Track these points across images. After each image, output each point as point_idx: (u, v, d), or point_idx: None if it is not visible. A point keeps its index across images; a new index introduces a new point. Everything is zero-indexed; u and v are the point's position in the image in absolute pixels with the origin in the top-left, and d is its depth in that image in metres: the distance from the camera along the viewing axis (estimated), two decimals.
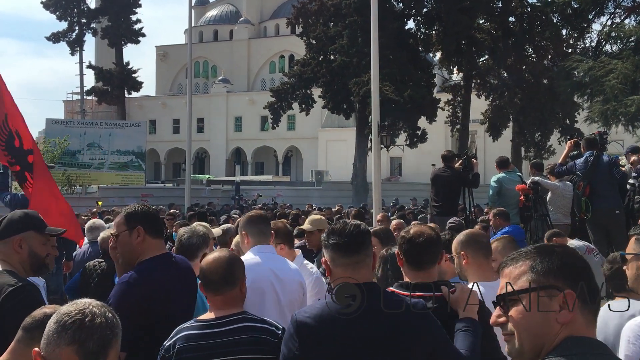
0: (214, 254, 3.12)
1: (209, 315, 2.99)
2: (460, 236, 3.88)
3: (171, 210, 16.81)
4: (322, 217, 6.94)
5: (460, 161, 10.21)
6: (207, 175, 57.63)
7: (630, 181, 8.40)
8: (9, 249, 3.32)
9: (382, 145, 15.46)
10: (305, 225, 6.42)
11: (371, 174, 16.06)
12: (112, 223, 3.75)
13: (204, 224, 5.45)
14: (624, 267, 2.72)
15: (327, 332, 2.60)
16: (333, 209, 19.25)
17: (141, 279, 3.31)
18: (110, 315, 2.01)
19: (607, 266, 3.88)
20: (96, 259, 6.28)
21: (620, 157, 10.30)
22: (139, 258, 3.41)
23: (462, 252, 3.75)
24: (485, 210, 13.81)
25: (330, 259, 2.78)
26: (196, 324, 2.95)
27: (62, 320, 1.95)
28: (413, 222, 7.98)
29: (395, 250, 3.75)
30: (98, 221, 8.54)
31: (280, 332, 2.96)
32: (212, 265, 3.00)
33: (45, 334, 1.97)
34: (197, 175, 52.98)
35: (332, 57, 34.03)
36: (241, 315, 2.97)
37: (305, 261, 4.87)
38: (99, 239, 6.53)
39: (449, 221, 8.22)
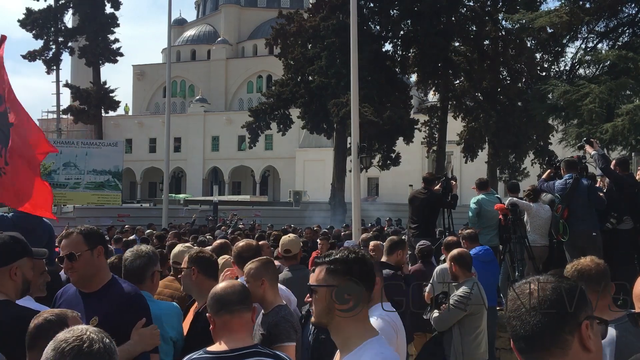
0: (227, 281, 3.12)
1: (219, 346, 2.79)
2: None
3: (153, 231, 16.60)
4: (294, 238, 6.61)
5: (440, 183, 10.30)
6: (185, 195, 57.26)
7: None
8: (5, 277, 3.17)
9: (361, 166, 15.53)
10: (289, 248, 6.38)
11: (349, 194, 16.12)
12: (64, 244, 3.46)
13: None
14: None
15: None
16: (313, 228, 19.22)
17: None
18: (107, 341, 1.98)
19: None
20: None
21: (598, 179, 10.43)
22: (96, 277, 3.42)
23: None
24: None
25: None
26: (207, 355, 2.75)
27: (60, 347, 1.92)
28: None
29: None
30: None
31: None
32: (228, 287, 2.94)
33: None
34: (174, 194, 52.60)
35: (310, 77, 34.14)
36: (254, 349, 2.79)
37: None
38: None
39: (419, 243, 8.25)
